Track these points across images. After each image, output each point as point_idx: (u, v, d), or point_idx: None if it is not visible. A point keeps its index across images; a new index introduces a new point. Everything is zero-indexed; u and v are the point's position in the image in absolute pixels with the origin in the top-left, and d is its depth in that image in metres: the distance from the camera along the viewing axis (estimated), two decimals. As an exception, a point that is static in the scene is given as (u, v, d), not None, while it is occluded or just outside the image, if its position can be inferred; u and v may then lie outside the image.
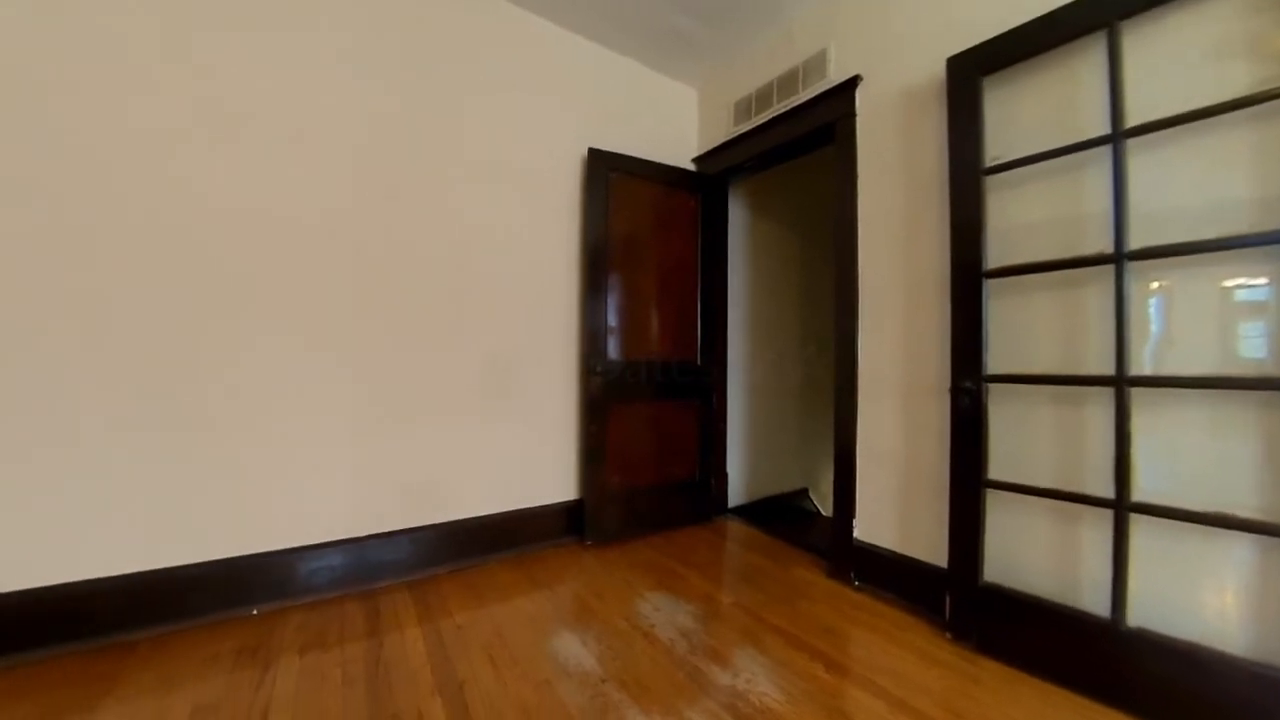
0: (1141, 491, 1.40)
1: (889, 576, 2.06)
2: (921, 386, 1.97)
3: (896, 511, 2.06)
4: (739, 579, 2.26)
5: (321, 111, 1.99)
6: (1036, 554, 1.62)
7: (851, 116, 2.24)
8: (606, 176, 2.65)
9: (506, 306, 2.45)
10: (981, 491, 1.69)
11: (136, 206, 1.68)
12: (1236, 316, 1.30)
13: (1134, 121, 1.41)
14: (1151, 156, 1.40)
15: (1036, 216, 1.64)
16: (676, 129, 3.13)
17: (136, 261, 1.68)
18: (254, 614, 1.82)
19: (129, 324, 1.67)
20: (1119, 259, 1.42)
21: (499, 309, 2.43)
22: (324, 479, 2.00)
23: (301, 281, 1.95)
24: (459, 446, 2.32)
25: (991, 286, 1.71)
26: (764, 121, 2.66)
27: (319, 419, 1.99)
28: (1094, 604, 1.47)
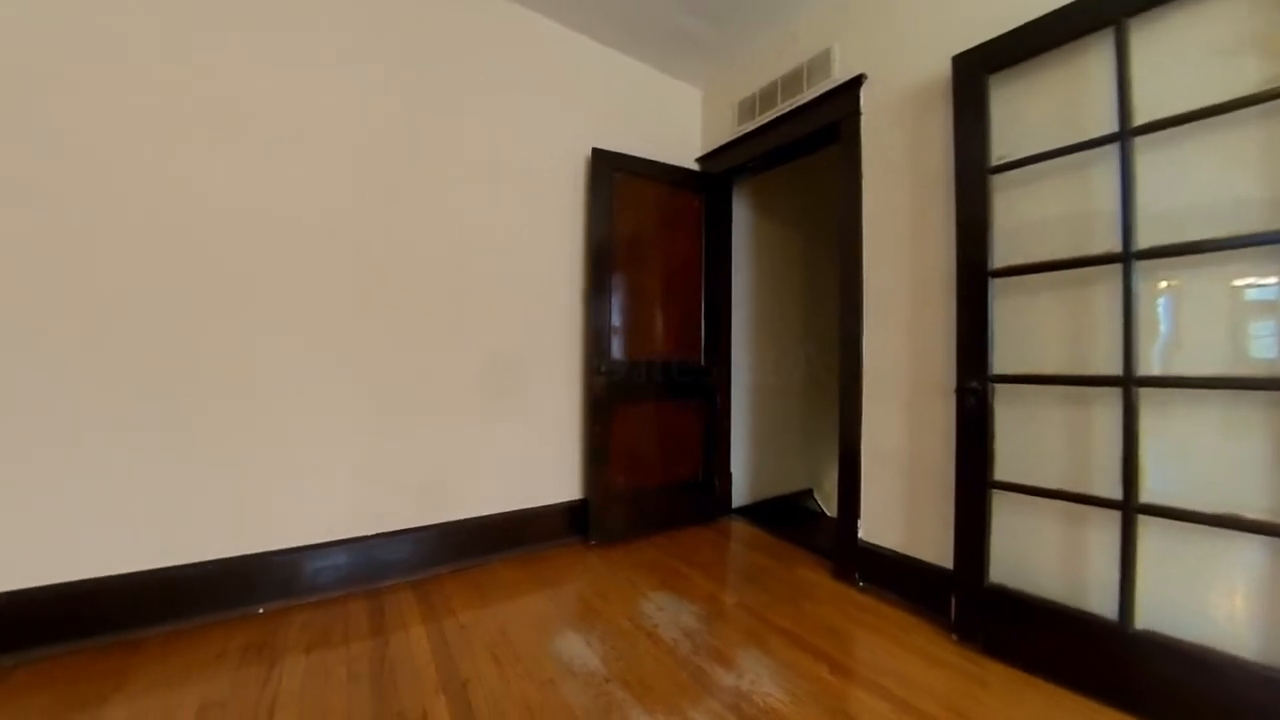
0: (1150, 493, 1.38)
1: (894, 577, 2.05)
2: (927, 386, 1.96)
3: (901, 512, 2.05)
4: (743, 579, 2.25)
5: (323, 111, 2.00)
6: (1043, 555, 1.61)
7: (856, 115, 2.23)
8: (610, 176, 2.65)
9: (510, 306, 2.46)
10: (987, 492, 1.68)
11: (136, 206, 1.69)
12: (1246, 316, 1.29)
13: (1142, 119, 1.40)
14: (1160, 155, 1.39)
15: (1043, 215, 1.63)
16: (680, 129, 3.13)
17: (137, 261, 1.69)
18: (260, 612, 1.84)
19: (133, 324, 1.68)
20: (1127, 258, 1.41)
21: (502, 309, 2.44)
22: (328, 479, 2.02)
23: (306, 282, 1.96)
24: (463, 446, 2.33)
25: (998, 286, 1.69)
26: (768, 121, 2.65)
27: (323, 419, 2.00)
28: (1101, 606, 1.46)
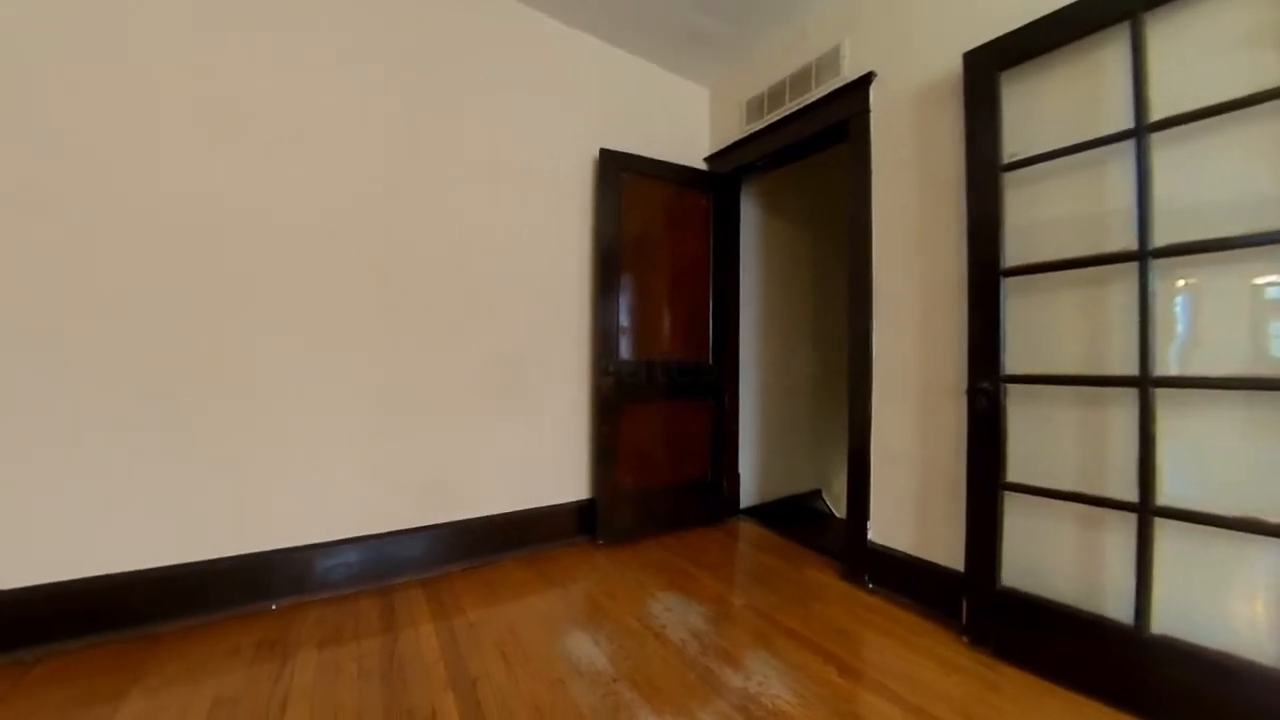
0: (1167, 495, 1.36)
1: (904, 579, 2.03)
2: (938, 387, 1.94)
3: (912, 513, 2.03)
4: (751, 580, 2.25)
5: (324, 111, 2.00)
6: (1056, 558, 1.58)
7: (865, 113, 2.21)
8: (618, 176, 2.66)
9: (518, 306, 2.47)
10: (999, 494, 1.66)
11: (137, 206, 1.68)
12: (1267, 315, 1.26)
13: (1159, 115, 1.37)
14: (1177, 151, 1.36)
15: (1057, 213, 1.60)
16: (688, 128, 3.13)
17: (158, 263, 1.72)
18: (273, 609, 1.87)
19: (147, 325, 1.71)
20: (1143, 256, 1.38)
21: (511, 309, 2.45)
22: (340, 478, 2.04)
23: (320, 283, 1.99)
24: (472, 445, 2.34)
25: (1010, 285, 1.67)
26: (776, 120, 2.64)
27: (336, 419, 2.02)
28: (1117, 610, 1.43)
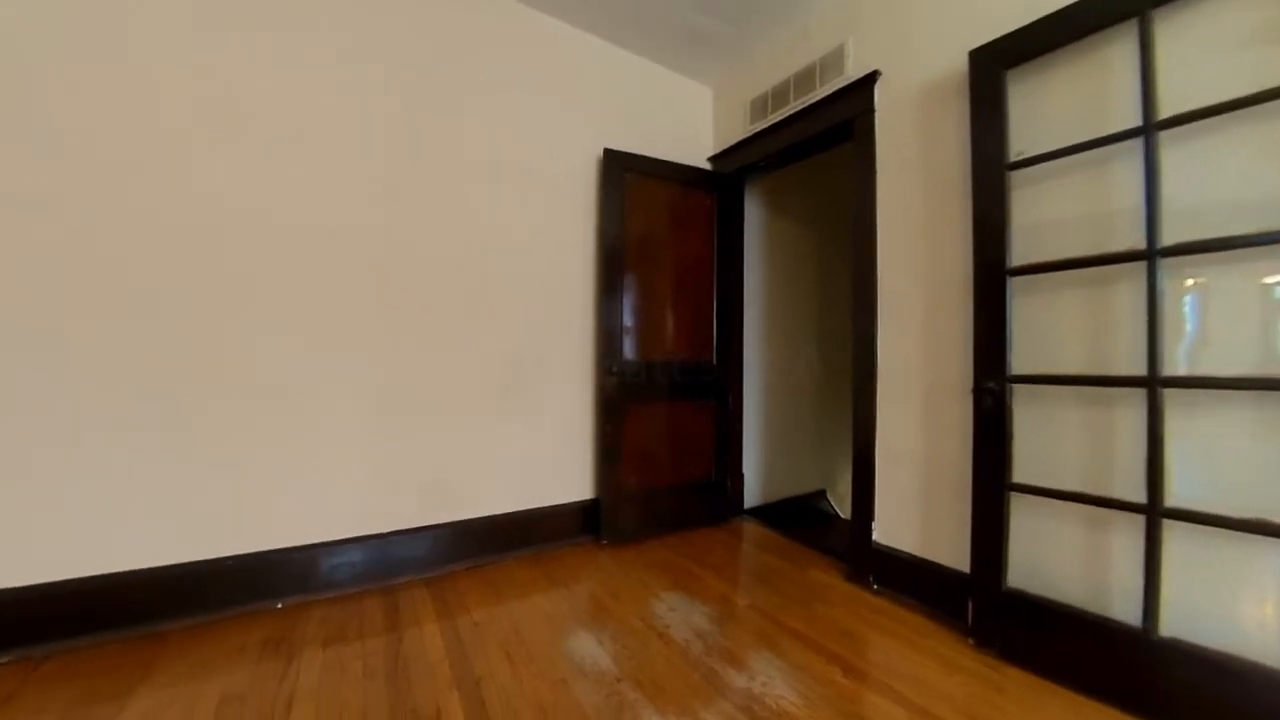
0: (1175, 497, 1.35)
1: (909, 580, 2.02)
2: (942, 386, 1.93)
3: (917, 514, 2.02)
4: (755, 581, 2.24)
5: (326, 112, 2.01)
6: (1063, 560, 1.57)
7: (870, 113, 2.20)
8: (622, 177, 2.66)
9: (522, 306, 2.47)
10: (1005, 494, 1.65)
11: (138, 207, 1.68)
12: (1277, 314, 1.25)
13: (1167, 113, 1.36)
14: (1185, 149, 1.35)
15: (1063, 212, 1.59)
16: (692, 128, 3.12)
17: (161, 264, 1.74)
18: (279, 607, 1.88)
19: (155, 325, 1.73)
20: (1151, 255, 1.37)
21: (515, 309, 2.45)
22: (345, 477, 2.05)
23: (321, 283, 1.99)
24: (476, 445, 2.35)
25: (1016, 284, 1.66)
26: (780, 119, 2.63)
27: (339, 418, 2.03)
28: (1124, 612, 1.42)
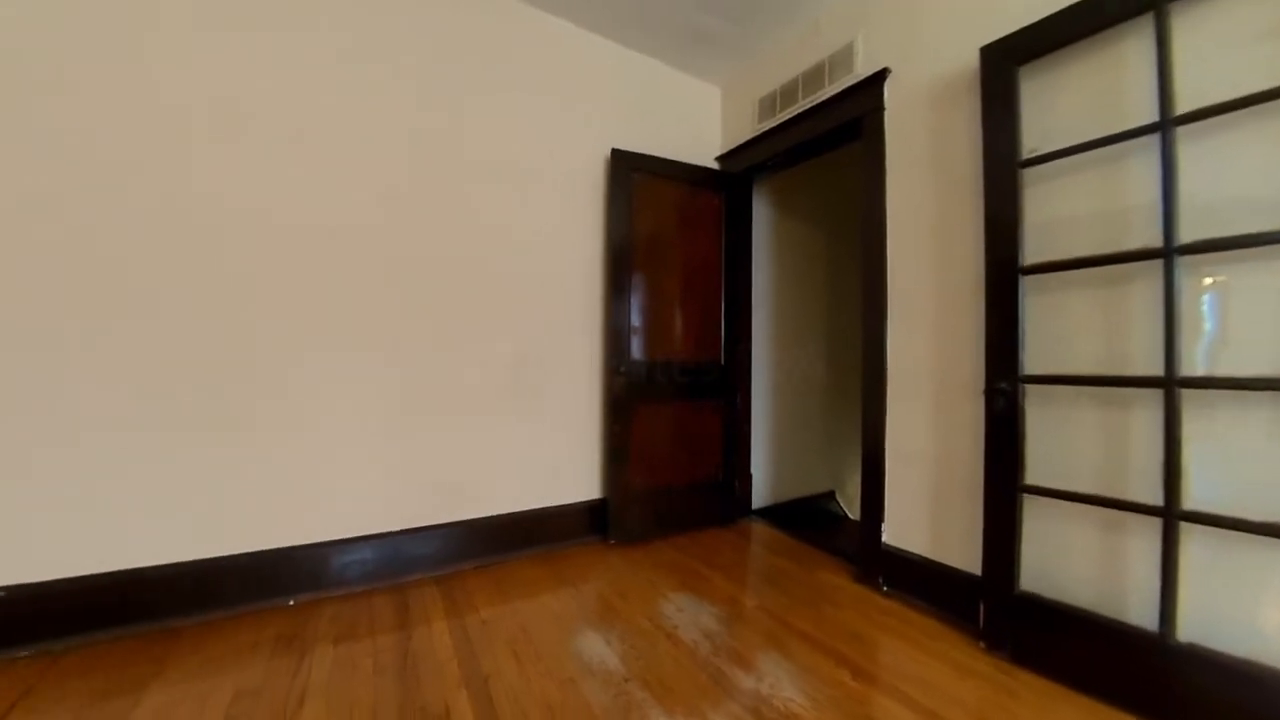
0: (1193, 499, 1.32)
1: (919, 582, 2.01)
2: (953, 387, 1.91)
3: (927, 516, 2.00)
4: (763, 581, 2.23)
5: (346, 116, 2.04)
6: (1077, 563, 1.55)
7: (880, 110, 2.18)
8: (629, 177, 2.66)
9: (531, 307, 2.48)
10: (1018, 496, 1.63)
11: (142, 207, 1.69)
12: (1300, 313, 1.22)
13: (1184, 108, 1.33)
14: (1204, 145, 1.32)
15: (1077, 210, 1.57)
16: (700, 127, 3.12)
17: (189, 273, 1.77)
18: (291, 604, 1.90)
19: (167, 328, 1.75)
20: (1168, 253, 1.34)
21: (524, 309, 2.46)
22: (355, 476, 2.07)
23: (339, 287, 2.02)
24: (485, 445, 2.36)
25: (1028, 283, 1.64)
26: (789, 118, 2.62)
27: (351, 418, 2.05)
28: (1140, 617, 1.40)
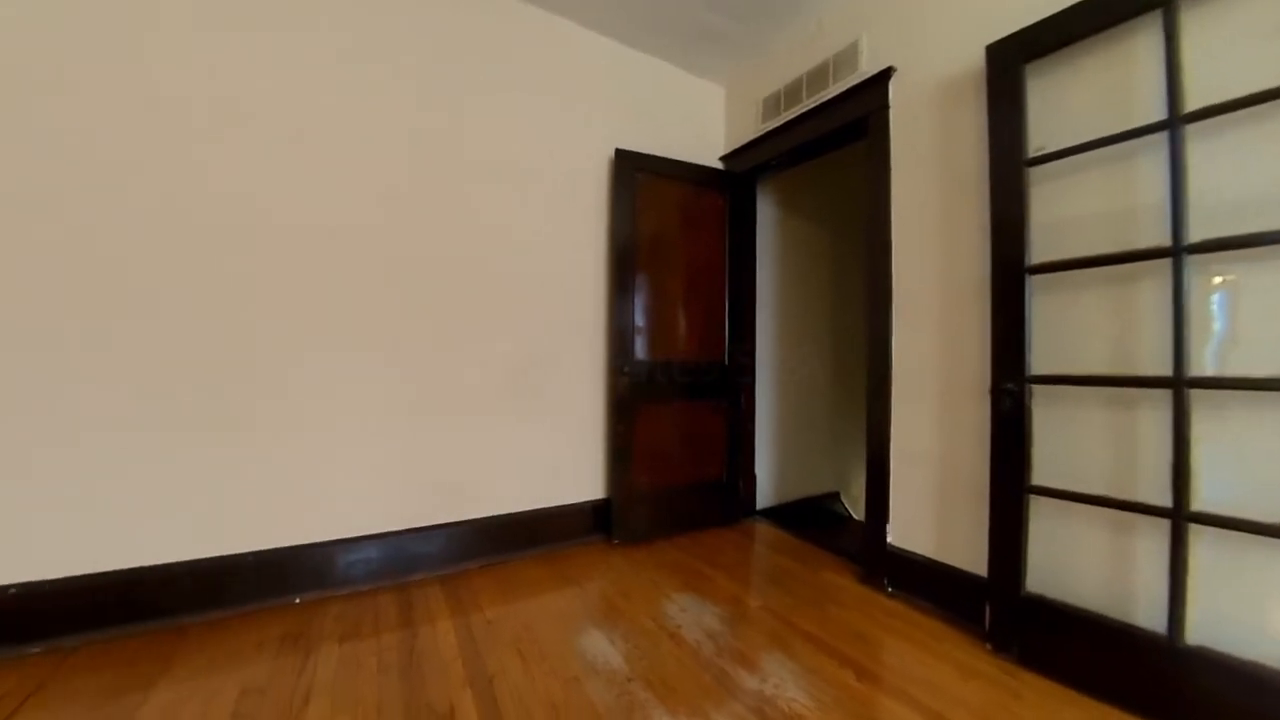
0: (1202, 500, 1.31)
1: (924, 583, 2.00)
2: (959, 387, 1.90)
3: (933, 516, 1.99)
4: (767, 582, 2.23)
5: (348, 117, 2.05)
6: (1084, 564, 1.54)
7: (884, 109, 2.17)
8: (633, 177, 2.66)
9: (534, 306, 2.49)
10: (1024, 497, 1.62)
11: (146, 207, 1.71)
12: (1312, 313, 1.21)
13: (1194, 106, 1.32)
14: (1213, 143, 1.31)
15: (1084, 209, 1.55)
16: (704, 127, 3.11)
17: (193, 274, 1.78)
18: (296, 603, 1.91)
19: (177, 329, 1.77)
20: (1177, 252, 1.33)
21: (527, 309, 2.47)
22: (360, 475, 2.08)
23: (341, 287, 2.03)
24: (489, 445, 2.36)
25: (1035, 283, 1.63)
26: (793, 117, 2.61)
27: (356, 418, 2.06)
28: (1148, 619, 1.38)
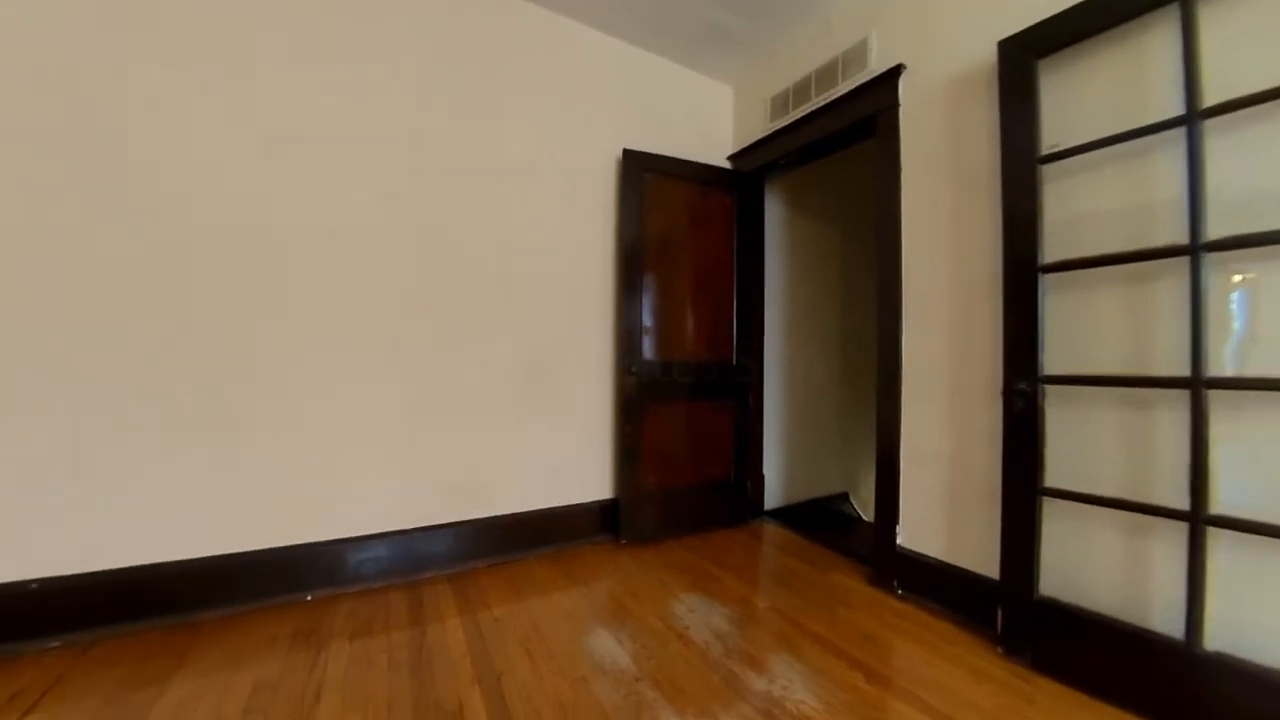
0: (1221, 503, 1.28)
1: (934, 586, 1.98)
2: (970, 387, 1.88)
3: (943, 518, 1.97)
4: (775, 583, 2.22)
5: (366, 120, 2.07)
6: (1099, 568, 1.51)
7: (894, 108, 2.16)
8: (641, 177, 2.66)
9: (544, 308, 2.50)
10: (1037, 499, 1.60)
11: (198, 221, 1.80)
12: (1335, 312, 1.18)
13: (1212, 101, 1.30)
14: (1232, 139, 1.28)
15: (1099, 206, 1.53)
16: (712, 127, 3.10)
17: (207, 275, 1.81)
18: (308, 600, 1.93)
19: (189, 330, 1.79)
20: (1195, 250, 1.31)
21: (536, 309, 2.48)
22: (371, 474, 2.09)
23: (353, 290, 2.05)
24: (499, 444, 2.38)
25: (1048, 282, 1.61)
26: (802, 116, 2.60)
27: (366, 417, 2.08)
28: (1165, 624, 1.36)
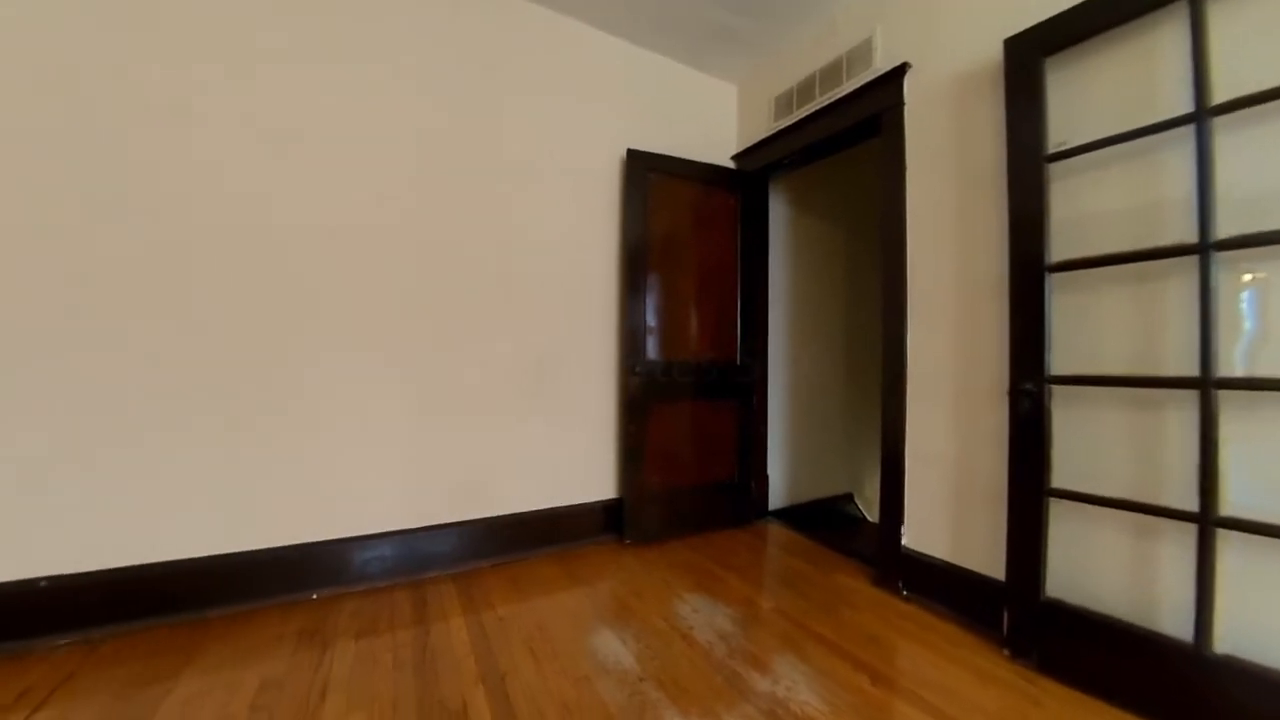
0: (1230, 505, 1.27)
1: (940, 587, 1.96)
2: (976, 388, 1.87)
3: (948, 519, 1.96)
4: (779, 583, 2.21)
5: (370, 122, 2.09)
6: (1106, 569, 1.50)
7: (899, 106, 2.15)
8: (645, 177, 2.66)
9: (548, 308, 2.50)
10: (1044, 500, 1.59)
11: (200, 221, 1.81)
12: (1348, 311, 1.17)
13: (1221, 98, 1.28)
14: (1241, 136, 1.27)
15: (1106, 205, 1.52)
16: (715, 126, 3.10)
17: (211, 276, 1.82)
18: (314, 598, 1.94)
19: (199, 330, 1.81)
20: (1204, 249, 1.29)
21: (541, 310, 2.48)
22: (376, 474, 2.11)
23: (357, 290, 2.06)
24: (502, 444, 2.38)
25: (1055, 281, 1.59)
26: (806, 115, 2.59)
27: (371, 417, 2.09)
28: (1174, 626, 1.35)
